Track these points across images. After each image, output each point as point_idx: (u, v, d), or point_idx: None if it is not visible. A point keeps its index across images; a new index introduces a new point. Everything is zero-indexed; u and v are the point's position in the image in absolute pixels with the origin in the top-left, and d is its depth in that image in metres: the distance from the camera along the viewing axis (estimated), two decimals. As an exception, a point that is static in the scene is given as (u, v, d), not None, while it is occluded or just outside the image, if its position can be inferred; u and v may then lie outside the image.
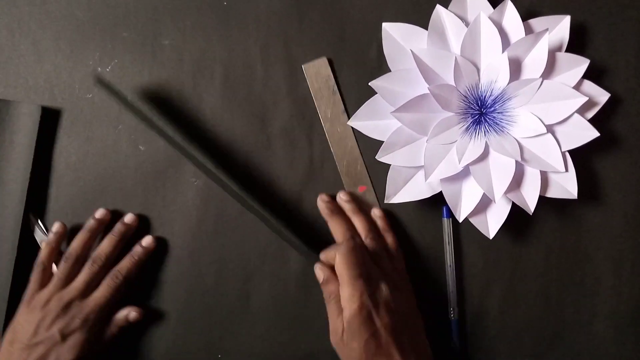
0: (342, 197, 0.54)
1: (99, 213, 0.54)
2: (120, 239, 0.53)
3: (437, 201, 0.52)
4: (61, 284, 0.51)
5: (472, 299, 0.55)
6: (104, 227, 0.54)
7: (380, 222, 0.54)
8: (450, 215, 0.54)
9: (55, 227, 0.53)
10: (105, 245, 0.53)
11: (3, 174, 0.53)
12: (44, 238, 0.54)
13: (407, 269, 0.54)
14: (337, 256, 0.49)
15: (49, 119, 0.54)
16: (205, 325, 0.55)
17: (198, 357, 0.54)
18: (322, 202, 0.54)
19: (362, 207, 0.55)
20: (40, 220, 0.54)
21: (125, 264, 0.53)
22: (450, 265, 0.55)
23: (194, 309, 0.55)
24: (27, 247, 0.53)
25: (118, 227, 0.54)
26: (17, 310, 0.51)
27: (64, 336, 0.49)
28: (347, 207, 0.54)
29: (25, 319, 0.50)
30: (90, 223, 0.53)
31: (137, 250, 0.54)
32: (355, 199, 0.54)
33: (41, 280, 0.52)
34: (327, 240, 0.54)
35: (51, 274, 0.52)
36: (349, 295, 0.47)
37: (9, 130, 0.53)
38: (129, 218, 0.54)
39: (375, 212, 0.55)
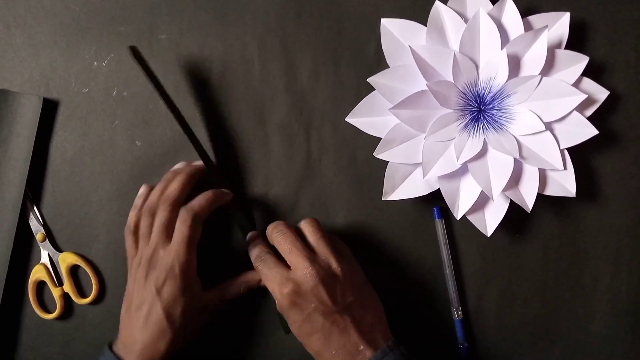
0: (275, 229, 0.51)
1: (177, 166, 0.53)
2: (188, 178, 0.50)
3: (434, 201, 0.52)
4: (146, 240, 0.49)
5: (470, 298, 0.55)
6: None
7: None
8: (442, 216, 0.54)
9: (141, 190, 0.52)
10: (173, 186, 0.50)
11: (1, 164, 0.53)
12: (39, 228, 0.54)
13: (406, 271, 0.54)
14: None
15: (46, 113, 0.54)
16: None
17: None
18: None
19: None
20: (37, 208, 0.54)
21: (196, 200, 0.49)
22: (448, 266, 0.54)
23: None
24: (23, 236, 0.54)
25: (185, 168, 0.52)
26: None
27: (158, 290, 0.47)
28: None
29: (130, 286, 0.49)
30: (166, 175, 0.51)
31: (210, 192, 0.51)
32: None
33: (135, 245, 0.50)
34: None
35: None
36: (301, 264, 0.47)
37: (8, 120, 0.53)
38: (197, 163, 0.53)
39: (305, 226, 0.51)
